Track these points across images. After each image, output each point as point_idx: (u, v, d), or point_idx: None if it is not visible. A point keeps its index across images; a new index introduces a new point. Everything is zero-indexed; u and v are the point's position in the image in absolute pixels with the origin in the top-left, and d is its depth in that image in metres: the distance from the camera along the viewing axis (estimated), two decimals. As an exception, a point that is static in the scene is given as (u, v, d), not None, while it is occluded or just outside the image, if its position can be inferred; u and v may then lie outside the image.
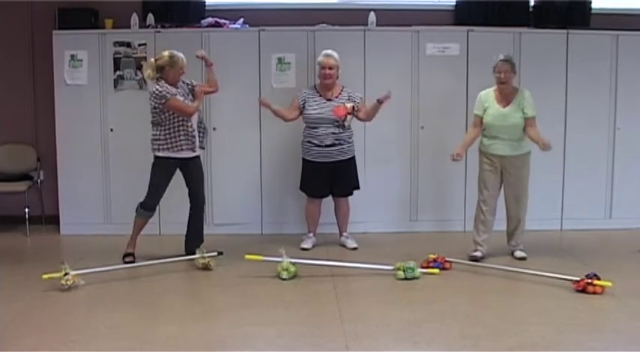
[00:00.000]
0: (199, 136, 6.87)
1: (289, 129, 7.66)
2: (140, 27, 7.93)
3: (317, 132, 7.18)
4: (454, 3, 8.42)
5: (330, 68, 7.13)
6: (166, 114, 6.62)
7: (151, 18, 7.99)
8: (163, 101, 6.55)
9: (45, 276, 5.99)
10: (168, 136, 6.67)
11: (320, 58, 7.20)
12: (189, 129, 6.71)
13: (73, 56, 7.85)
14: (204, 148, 7.06)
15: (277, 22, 8.05)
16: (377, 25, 7.98)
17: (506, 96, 6.79)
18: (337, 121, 7.12)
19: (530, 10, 8.39)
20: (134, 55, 7.84)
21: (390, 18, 8.11)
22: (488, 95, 6.87)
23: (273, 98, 7.78)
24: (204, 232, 7.11)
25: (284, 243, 6.94)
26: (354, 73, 7.69)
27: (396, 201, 8.12)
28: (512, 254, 6.99)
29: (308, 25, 7.97)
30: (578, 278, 6.00)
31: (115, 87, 7.88)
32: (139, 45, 7.83)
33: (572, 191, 8.12)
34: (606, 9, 8.46)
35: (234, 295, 5.99)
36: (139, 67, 7.70)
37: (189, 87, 6.88)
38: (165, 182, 6.81)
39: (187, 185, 6.92)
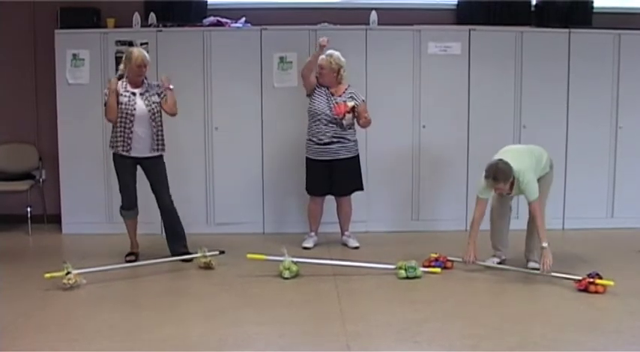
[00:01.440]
0: (155, 140, 6.74)
1: (291, 128, 7.67)
2: (142, 26, 7.93)
3: (316, 129, 7.19)
4: (456, 2, 8.43)
5: (322, 68, 7.14)
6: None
7: (152, 17, 7.99)
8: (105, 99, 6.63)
9: (47, 275, 5.99)
10: (112, 134, 6.72)
11: (319, 60, 7.19)
12: (126, 131, 6.61)
13: (75, 55, 7.85)
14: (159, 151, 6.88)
15: (279, 21, 8.05)
16: (378, 24, 7.98)
17: None
18: (336, 118, 7.13)
19: (532, 9, 8.40)
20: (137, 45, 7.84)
21: (392, 17, 8.11)
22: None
23: (275, 97, 7.82)
24: (207, 231, 7.10)
25: (285, 242, 6.94)
26: (355, 73, 7.68)
27: (397, 201, 8.12)
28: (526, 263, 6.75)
29: (310, 24, 7.96)
30: (580, 278, 6.00)
31: (116, 86, 7.89)
32: (141, 44, 7.82)
33: (574, 190, 8.11)
34: (608, 8, 8.46)
35: (236, 294, 5.99)
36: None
37: (159, 90, 6.81)
38: (129, 178, 6.78)
39: (150, 187, 6.86)
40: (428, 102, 8.00)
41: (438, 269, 6.50)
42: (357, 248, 7.38)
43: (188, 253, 6.85)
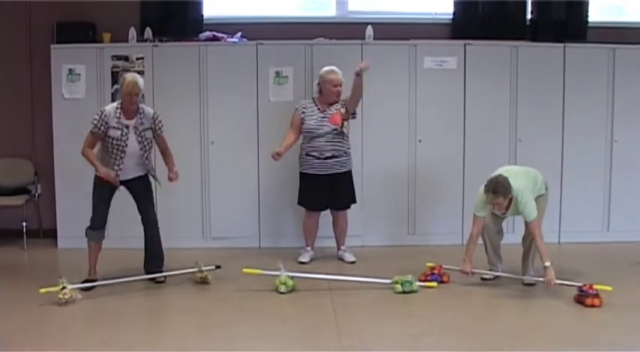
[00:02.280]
0: (144, 164, 6.61)
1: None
2: (138, 41, 7.94)
3: (317, 145, 7.19)
4: (451, 17, 8.45)
5: (341, 85, 7.19)
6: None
7: (148, 32, 8.00)
8: (90, 128, 6.44)
9: (42, 290, 5.98)
10: (99, 157, 6.50)
11: (330, 76, 7.18)
12: (116, 162, 6.44)
13: (70, 70, 7.85)
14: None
15: (275, 35, 8.06)
16: (374, 38, 8.00)
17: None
18: (336, 129, 7.14)
19: (527, 23, 8.43)
20: (132, 69, 7.82)
21: (388, 32, 8.13)
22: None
23: (271, 111, 7.83)
24: (203, 245, 7.08)
25: (282, 256, 6.94)
26: (350, 87, 7.69)
27: (393, 215, 8.11)
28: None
29: (306, 39, 7.98)
30: (580, 284, 6.04)
31: (112, 100, 7.83)
32: (137, 59, 7.84)
33: (570, 204, 8.12)
34: (603, 22, 8.49)
35: (232, 309, 5.98)
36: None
37: (154, 123, 6.59)
38: (104, 200, 6.57)
39: (136, 204, 6.72)
40: (424, 116, 8.01)
41: (434, 284, 6.50)
42: (353, 262, 7.37)
43: (160, 271, 6.72)
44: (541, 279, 6.26)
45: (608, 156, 8.17)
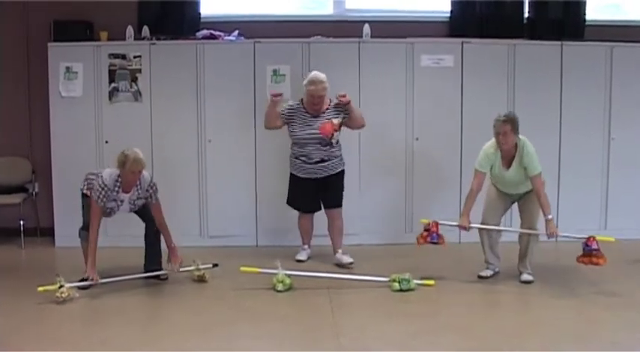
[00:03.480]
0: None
1: (284, 140, 7.65)
2: (135, 39, 7.92)
3: (305, 151, 7.12)
4: (449, 15, 8.45)
5: (320, 97, 7.01)
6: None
7: (145, 30, 7.99)
8: (90, 194, 6.41)
9: (40, 289, 5.98)
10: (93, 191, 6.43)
11: (309, 87, 6.97)
12: (107, 216, 6.50)
13: (68, 68, 7.85)
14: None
15: (272, 34, 8.05)
16: (371, 37, 7.99)
17: (508, 155, 6.56)
18: (324, 139, 7.06)
19: (525, 21, 8.43)
20: (129, 67, 7.84)
21: (385, 30, 8.12)
22: (495, 155, 6.58)
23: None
24: (200, 244, 7.07)
25: (279, 254, 6.94)
26: (348, 85, 7.70)
27: (391, 213, 8.11)
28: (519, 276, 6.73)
29: (303, 37, 7.97)
30: (584, 236, 6.24)
31: (110, 99, 7.89)
32: (134, 57, 7.84)
33: (567, 202, 8.12)
34: (600, 21, 8.51)
35: (230, 308, 5.98)
36: (134, 79, 7.79)
37: (149, 193, 6.48)
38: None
39: (138, 214, 6.72)
40: (421, 114, 8.01)
41: (431, 281, 6.49)
42: (351, 263, 7.24)
43: (160, 269, 6.72)
44: (543, 233, 6.38)
45: (606, 154, 8.18)
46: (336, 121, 7.04)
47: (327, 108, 7.13)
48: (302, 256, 7.40)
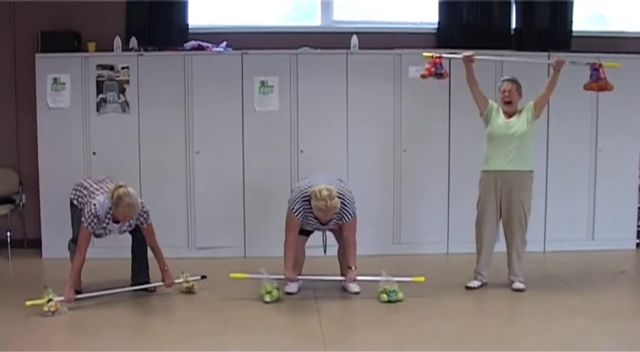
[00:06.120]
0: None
1: (272, 153, 7.67)
2: (123, 50, 7.92)
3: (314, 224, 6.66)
4: (436, 26, 8.48)
5: (324, 214, 6.41)
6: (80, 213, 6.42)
7: (133, 41, 7.99)
8: (82, 220, 6.28)
9: (28, 303, 5.93)
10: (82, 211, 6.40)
11: (317, 204, 6.32)
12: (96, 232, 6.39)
13: (55, 79, 7.83)
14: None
15: (260, 45, 8.07)
16: (359, 48, 8.01)
17: (512, 112, 6.74)
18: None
19: (512, 32, 8.48)
20: (117, 78, 7.83)
21: (373, 41, 8.14)
22: (498, 111, 6.79)
23: (256, 121, 7.82)
24: (188, 255, 7.05)
25: (267, 265, 6.91)
26: (336, 97, 7.72)
27: (379, 224, 8.11)
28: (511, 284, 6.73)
29: (291, 48, 7.99)
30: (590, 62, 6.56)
31: (97, 110, 7.87)
32: (122, 68, 7.83)
33: (555, 212, 8.14)
34: (587, 32, 8.56)
35: (217, 319, 5.96)
36: (122, 90, 7.77)
37: (139, 221, 6.43)
38: None
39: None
40: (409, 126, 8.03)
41: (422, 278, 6.49)
42: (357, 293, 6.69)
43: (147, 282, 6.70)
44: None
45: (593, 165, 8.21)
46: (342, 222, 6.60)
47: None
48: (292, 288, 6.71)
